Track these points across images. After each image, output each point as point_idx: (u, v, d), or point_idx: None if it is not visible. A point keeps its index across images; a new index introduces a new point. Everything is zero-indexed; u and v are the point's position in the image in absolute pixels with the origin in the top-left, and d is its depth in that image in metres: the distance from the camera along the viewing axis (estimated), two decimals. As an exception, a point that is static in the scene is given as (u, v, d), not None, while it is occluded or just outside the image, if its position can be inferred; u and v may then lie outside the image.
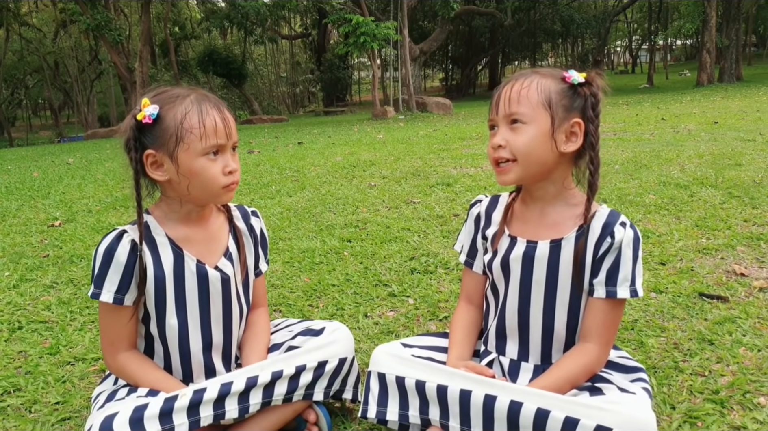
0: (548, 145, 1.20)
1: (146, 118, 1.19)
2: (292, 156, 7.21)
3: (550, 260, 1.26)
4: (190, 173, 1.21)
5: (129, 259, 1.24)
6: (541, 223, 1.28)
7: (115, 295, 1.24)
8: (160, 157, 1.21)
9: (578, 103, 1.21)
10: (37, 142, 23.18)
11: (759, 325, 1.76)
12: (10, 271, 2.82)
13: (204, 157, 1.21)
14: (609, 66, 47.13)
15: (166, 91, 1.25)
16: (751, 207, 3.10)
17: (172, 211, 1.30)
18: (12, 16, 23.94)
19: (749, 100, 11.78)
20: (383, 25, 15.69)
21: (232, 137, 1.26)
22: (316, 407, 1.35)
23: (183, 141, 1.20)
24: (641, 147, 5.72)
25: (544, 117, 1.20)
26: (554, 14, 30.12)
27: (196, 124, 1.20)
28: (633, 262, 1.20)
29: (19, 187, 5.91)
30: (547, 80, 1.22)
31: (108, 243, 1.24)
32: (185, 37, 28.94)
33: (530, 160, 1.21)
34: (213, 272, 1.32)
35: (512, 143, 1.21)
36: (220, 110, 1.24)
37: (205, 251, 1.33)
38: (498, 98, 1.24)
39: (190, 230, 1.32)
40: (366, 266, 2.58)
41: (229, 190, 1.26)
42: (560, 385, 1.19)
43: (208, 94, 1.27)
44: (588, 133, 1.21)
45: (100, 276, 1.24)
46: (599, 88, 1.22)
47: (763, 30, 35.73)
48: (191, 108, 1.21)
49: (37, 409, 1.55)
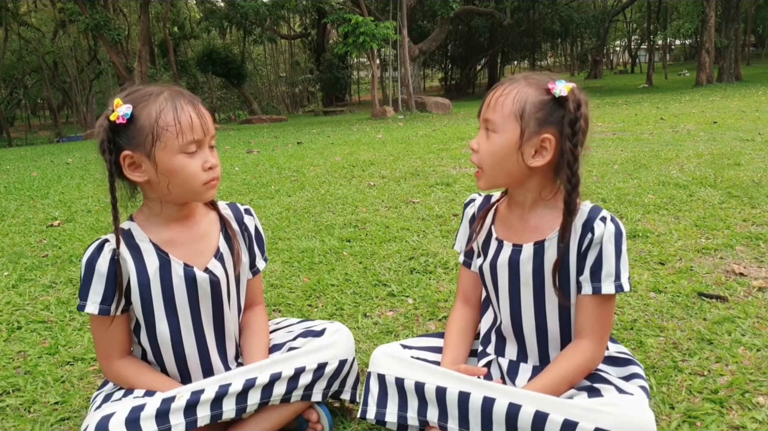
0: (514, 157, 1.18)
1: (120, 118, 1.16)
2: (292, 156, 7.21)
3: (535, 262, 1.26)
4: (169, 172, 1.19)
5: (110, 269, 1.22)
6: (525, 227, 1.28)
7: (100, 306, 1.23)
8: (138, 157, 1.19)
9: (556, 117, 1.16)
10: (36, 142, 23.15)
11: (758, 325, 1.76)
12: (9, 271, 2.82)
13: (182, 155, 1.19)
14: (608, 66, 47.13)
15: (139, 89, 1.23)
16: (750, 206, 3.10)
17: (154, 214, 1.28)
18: (11, 15, 23.89)
19: (748, 100, 11.78)
20: (382, 24, 15.69)
21: (209, 132, 1.23)
22: (317, 407, 1.35)
23: (159, 139, 1.17)
24: (640, 147, 5.72)
25: (514, 128, 1.17)
26: (553, 14, 30.11)
27: (172, 121, 1.17)
28: (616, 257, 1.19)
29: (18, 187, 5.90)
30: (528, 89, 1.18)
31: (89, 254, 1.24)
32: (184, 37, 28.89)
33: (494, 170, 1.22)
34: (201, 275, 1.29)
35: (482, 150, 1.22)
36: (194, 106, 1.21)
37: (191, 253, 1.30)
38: (483, 100, 1.25)
39: (175, 232, 1.29)
40: (365, 266, 2.58)
41: (210, 186, 1.24)
42: (558, 384, 1.19)
43: (182, 90, 1.24)
44: (563, 150, 1.16)
45: (84, 288, 1.23)
46: (579, 105, 1.16)
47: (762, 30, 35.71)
48: (165, 105, 1.18)
49: (36, 409, 1.55)
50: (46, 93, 31.05)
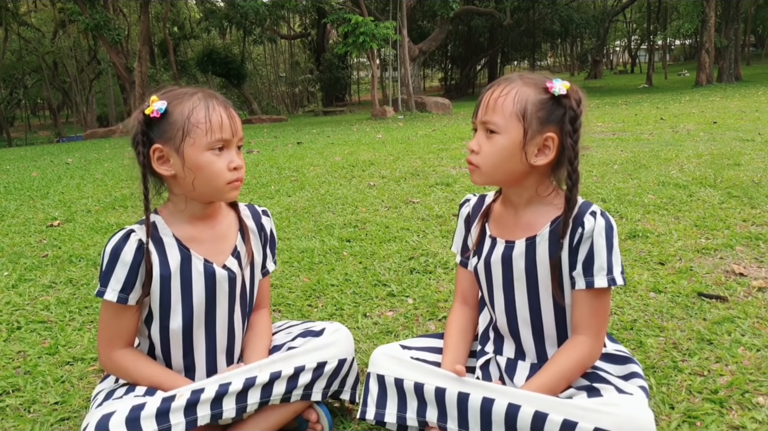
0: (518, 156, 1.19)
1: (155, 112, 1.21)
2: (291, 156, 7.21)
3: (527, 258, 1.26)
4: (195, 167, 1.22)
5: (135, 258, 1.25)
6: (517, 224, 1.29)
7: (119, 294, 1.25)
8: (167, 151, 1.23)
9: (556, 115, 1.18)
10: (36, 142, 23.17)
11: (758, 325, 1.76)
12: (9, 271, 2.82)
13: (209, 152, 1.22)
14: (608, 66, 47.16)
15: (174, 89, 1.28)
16: (750, 207, 3.10)
17: (179, 210, 1.31)
18: (11, 15, 23.89)
19: (748, 100, 11.78)
20: (382, 24, 15.68)
21: (238, 134, 1.27)
22: (317, 406, 1.35)
23: (189, 135, 1.21)
24: (640, 147, 5.72)
25: (517, 128, 1.18)
26: (553, 14, 30.12)
27: (203, 119, 1.22)
28: (608, 251, 1.20)
29: (18, 187, 5.90)
30: (527, 89, 1.19)
31: (115, 242, 1.26)
32: (184, 37, 28.90)
33: (497, 170, 1.22)
34: (221, 271, 1.32)
35: (484, 151, 1.22)
36: (226, 108, 1.26)
37: (212, 250, 1.33)
38: (479, 102, 1.24)
39: (198, 230, 1.32)
40: (365, 266, 2.58)
41: (233, 187, 1.27)
42: (556, 381, 1.19)
43: (216, 93, 1.29)
44: (564, 148, 1.18)
45: (106, 275, 1.25)
46: (578, 102, 1.18)
47: (761, 30, 35.77)
48: (198, 104, 1.23)
49: (36, 409, 1.55)
50: (46, 93, 31.05)
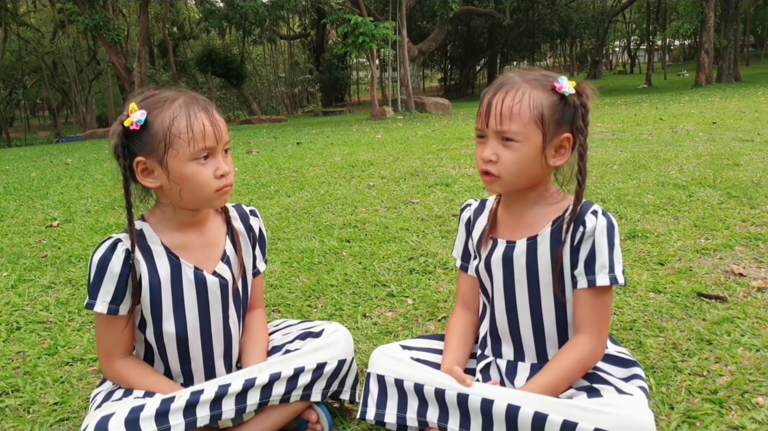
0: (538, 161, 1.19)
1: (134, 124, 1.17)
2: (291, 156, 7.21)
3: (528, 257, 1.26)
4: (181, 179, 1.19)
5: (123, 269, 1.22)
6: (520, 224, 1.29)
7: (109, 306, 1.23)
8: (151, 163, 1.19)
9: (568, 114, 1.19)
10: (35, 142, 23.15)
11: (757, 325, 1.76)
12: (8, 272, 2.81)
13: (194, 162, 1.19)
14: (607, 66, 47.17)
15: (154, 95, 1.23)
16: (750, 207, 3.11)
17: (167, 217, 1.29)
18: (10, 15, 23.87)
19: (747, 101, 11.79)
20: (382, 25, 15.69)
21: (222, 139, 1.23)
22: (316, 407, 1.35)
23: (172, 147, 1.17)
24: (640, 147, 5.72)
25: (536, 134, 1.18)
26: (553, 14, 30.16)
27: (184, 129, 1.17)
28: (609, 249, 1.20)
29: (18, 187, 5.90)
30: (538, 93, 1.18)
31: (102, 253, 1.23)
32: (184, 37, 28.89)
33: (518, 177, 1.21)
34: (211, 278, 1.31)
35: (504, 160, 1.19)
36: (208, 112, 1.21)
37: (202, 257, 1.31)
38: (487, 109, 1.20)
39: (186, 237, 1.30)
40: (365, 266, 2.58)
41: (222, 193, 1.24)
42: (557, 380, 1.19)
43: (197, 95, 1.25)
44: (578, 145, 1.20)
45: (94, 287, 1.23)
46: (589, 98, 1.20)
47: (761, 30, 35.78)
48: (179, 112, 1.18)
49: (36, 410, 1.55)
50: (46, 93, 31.04)
